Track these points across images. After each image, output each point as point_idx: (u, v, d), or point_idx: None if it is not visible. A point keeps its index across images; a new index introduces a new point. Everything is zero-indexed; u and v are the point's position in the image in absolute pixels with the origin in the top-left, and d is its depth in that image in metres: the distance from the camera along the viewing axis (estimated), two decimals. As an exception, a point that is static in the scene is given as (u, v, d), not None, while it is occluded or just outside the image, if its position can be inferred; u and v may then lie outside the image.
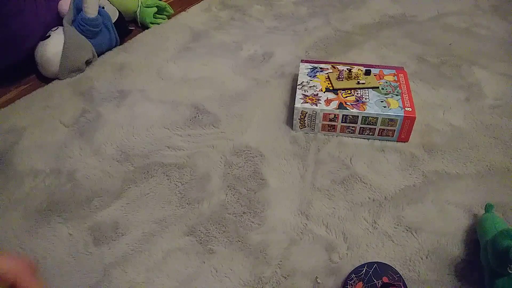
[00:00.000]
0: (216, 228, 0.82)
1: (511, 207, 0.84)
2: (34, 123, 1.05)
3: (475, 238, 0.78)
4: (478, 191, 0.87)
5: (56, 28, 1.18)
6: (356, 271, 0.73)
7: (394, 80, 1.05)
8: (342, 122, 0.97)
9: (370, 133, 0.98)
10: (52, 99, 1.13)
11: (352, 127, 0.98)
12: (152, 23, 1.40)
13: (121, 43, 1.32)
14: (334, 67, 1.09)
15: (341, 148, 0.97)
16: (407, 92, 1.01)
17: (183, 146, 0.98)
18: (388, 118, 0.95)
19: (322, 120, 0.98)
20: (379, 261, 0.74)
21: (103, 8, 1.25)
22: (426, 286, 0.72)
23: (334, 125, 0.98)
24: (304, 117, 0.98)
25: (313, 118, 0.98)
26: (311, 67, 1.09)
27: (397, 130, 0.97)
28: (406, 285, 0.71)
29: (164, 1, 1.46)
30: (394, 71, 1.08)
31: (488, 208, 0.79)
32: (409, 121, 0.95)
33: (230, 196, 0.87)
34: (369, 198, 0.86)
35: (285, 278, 0.74)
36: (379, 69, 1.08)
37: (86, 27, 1.18)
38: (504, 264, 0.65)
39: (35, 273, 0.36)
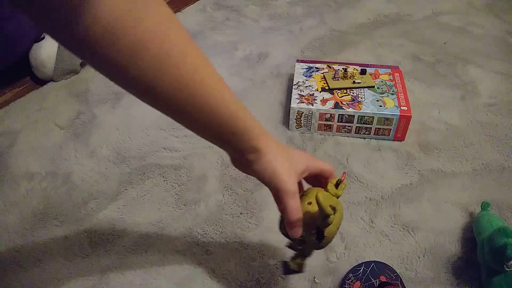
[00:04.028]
0: (213, 229, 0.82)
1: (507, 205, 0.84)
2: (29, 126, 1.05)
3: (472, 236, 0.78)
4: (474, 189, 0.87)
5: (50, 30, 1.18)
6: (354, 270, 0.73)
7: (390, 79, 1.05)
8: (338, 121, 0.97)
9: (366, 132, 0.99)
10: (47, 101, 1.12)
11: (348, 126, 0.98)
12: None
13: (116, 45, 1.31)
14: (329, 67, 1.09)
15: (338, 147, 0.97)
16: (402, 91, 1.01)
17: (179, 147, 0.98)
18: (384, 117, 0.95)
19: (318, 120, 0.98)
20: (376, 260, 0.74)
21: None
22: (424, 284, 0.73)
23: (330, 124, 0.98)
24: (300, 117, 0.98)
25: (309, 118, 0.98)
26: (307, 67, 1.09)
27: (393, 129, 0.97)
28: (403, 283, 0.71)
29: (159, 2, 1.46)
30: (389, 70, 1.08)
31: (484, 206, 0.79)
32: (404, 120, 0.95)
33: (227, 197, 0.87)
34: (365, 197, 0.87)
35: (282, 278, 0.74)
36: (374, 69, 1.08)
37: (80, 29, 1.17)
38: (500, 261, 0.65)
39: None
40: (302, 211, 0.50)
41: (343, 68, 1.07)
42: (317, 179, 0.56)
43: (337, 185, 0.54)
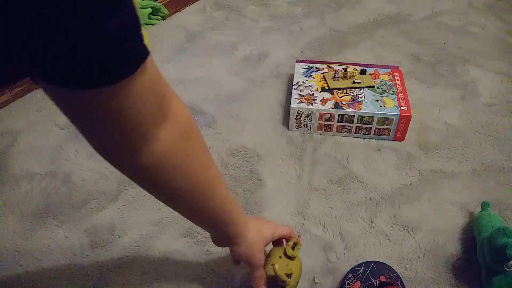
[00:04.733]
0: (213, 229, 0.81)
1: (507, 205, 0.84)
2: (29, 126, 1.05)
3: (472, 236, 0.78)
4: (474, 189, 0.87)
5: (50, 30, 1.18)
6: (354, 270, 0.73)
7: (390, 79, 1.05)
8: (338, 121, 0.97)
9: (366, 132, 0.99)
10: (46, 101, 1.11)
11: (348, 126, 0.98)
12: (147, 24, 1.40)
13: (116, 45, 1.31)
14: (329, 67, 1.09)
15: (338, 147, 0.97)
16: (402, 91, 1.01)
17: (179, 147, 0.98)
18: (384, 117, 0.95)
19: (318, 120, 0.98)
20: (376, 260, 0.74)
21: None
22: (424, 284, 0.73)
23: (330, 124, 0.98)
24: (300, 117, 0.98)
25: (309, 118, 0.98)
26: (307, 67, 1.09)
27: (393, 129, 0.97)
28: (403, 283, 0.71)
29: (159, 2, 1.46)
30: (389, 70, 1.08)
31: (484, 206, 0.79)
32: (404, 120, 0.95)
33: (227, 197, 0.87)
34: (365, 197, 0.87)
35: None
36: (374, 69, 1.08)
37: (80, 29, 1.17)
38: (500, 261, 0.65)
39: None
40: (267, 273, 0.64)
41: (343, 68, 1.07)
42: (280, 240, 0.68)
43: (294, 247, 0.65)
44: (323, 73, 1.07)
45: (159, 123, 0.41)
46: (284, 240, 0.69)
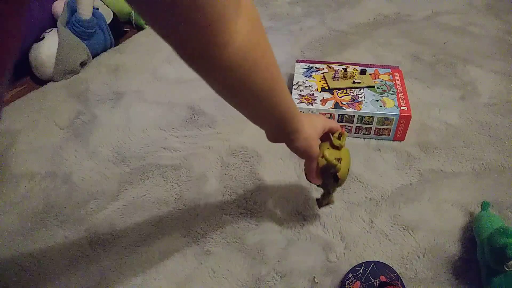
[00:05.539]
0: (213, 229, 0.82)
1: (507, 205, 0.84)
2: (29, 126, 1.05)
3: (472, 236, 0.78)
4: (474, 189, 0.87)
5: (50, 30, 1.18)
6: (354, 270, 0.73)
7: (390, 79, 1.05)
8: (338, 121, 0.97)
9: (366, 133, 0.99)
10: (46, 101, 1.12)
11: (348, 126, 0.98)
12: (147, 24, 1.40)
13: (115, 45, 1.31)
14: (329, 67, 1.09)
15: (338, 147, 0.97)
16: (402, 91, 1.01)
17: (179, 147, 0.98)
18: (384, 117, 0.95)
19: (318, 120, 0.98)
20: (376, 260, 0.74)
21: (97, 9, 1.25)
22: (424, 284, 0.73)
23: (330, 124, 0.98)
24: (300, 117, 0.98)
25: (309, 118, 0.98)
26: (307, 67, 1.09)
27: (393, 129, 0.97)
28: (403, 284, 0.71)
29: (159, 2, 1.46)
30: (389, 70, 1.08)
31: (484, 206, 0.79)
32: (404, 120, 0.95)
33: (226, 197, 0.87)
34: (365, 197, 0.87)
35: (282, 278, 0.74)
36: (374, 69, 1.08)
37: (80, 29, 1.18)
38: (500, 261, 0.65)
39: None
40: (319, 164, 0.68)
41: (343, 68, 1.07)
42: (326, 134, 0.71)
43: (339, 137, 0.70)
44: (323, 73, 1.07)
45: (237, 12, 0.39)
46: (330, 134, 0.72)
